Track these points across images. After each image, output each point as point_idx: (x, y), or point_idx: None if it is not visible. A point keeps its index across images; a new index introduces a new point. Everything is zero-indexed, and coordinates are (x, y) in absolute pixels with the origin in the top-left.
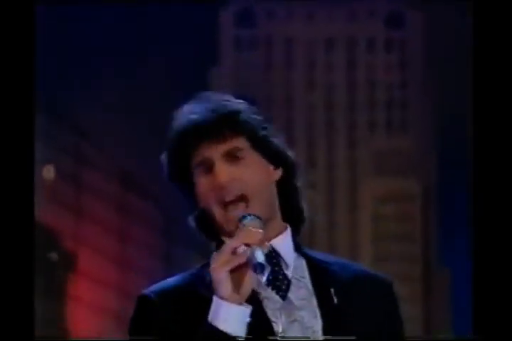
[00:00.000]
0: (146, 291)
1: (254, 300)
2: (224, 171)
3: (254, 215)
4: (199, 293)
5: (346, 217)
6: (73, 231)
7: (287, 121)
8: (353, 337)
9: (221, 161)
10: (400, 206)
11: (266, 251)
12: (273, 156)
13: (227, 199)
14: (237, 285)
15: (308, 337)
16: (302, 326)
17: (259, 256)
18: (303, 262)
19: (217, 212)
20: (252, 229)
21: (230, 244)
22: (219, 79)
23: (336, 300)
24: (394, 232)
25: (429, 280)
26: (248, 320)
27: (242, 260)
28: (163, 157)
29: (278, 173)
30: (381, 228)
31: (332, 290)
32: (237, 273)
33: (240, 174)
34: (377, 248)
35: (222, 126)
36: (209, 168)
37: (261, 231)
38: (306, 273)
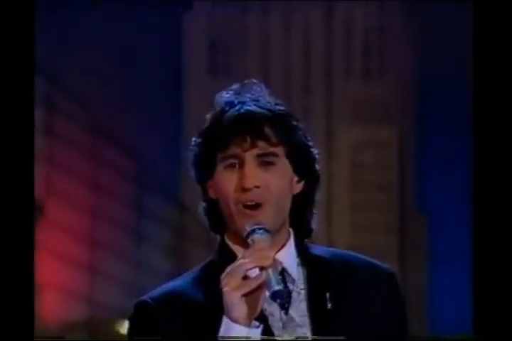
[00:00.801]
0: (144, 297)
1: (260, 316)
2: (253, 175)
3: (263, 229)
4: (198, 300)
5: (323, 165)
6: (44, 180)
7: (262, 66)
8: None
9: (253, 163)
10: (376, 154)
11: (280, 268)
12: (302, 168)
13: (248, 203)
14: (249, 309)
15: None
16: None
17: (276, 282)
18: (304, 270)
19: (234, 210)
20: (264, 252)
21: (241, 266)
22: (193, 24)
23: (329, 306)
24: (371, 181)
25: (406, 228)
26: (259, 339)
27: (255, 285)
28: (195, 139)
29: (300, 186)
30: (358, 176)
31: (327, 294)
32: (249, 296)
33: (267, 180)
34: (353, 197)
35: (265, 126)
36: (239, 165)
37: (273, 254)
38: (306, 283)
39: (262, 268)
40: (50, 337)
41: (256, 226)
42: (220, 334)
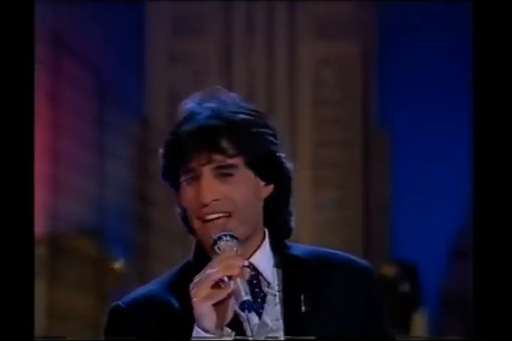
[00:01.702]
0: (118, 302)
1: (233, 323)
2: (209, 189)
3: (230, 235)
4: (172, 305)
5: (285, 82)
6: None
7: None
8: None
9: (209, 176)
10: (340, 69)
11: (248, 276)
12: (267, 174)
13: (208, 217)
14: (220, 318)
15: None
16: None
17: (244, 292)
18: (279, 272)
19: (196, 225)
20: (232, 260)
21: (209, 276)
22: None
23: (303, 309)
24: (333, 96)
25: (369, 143)
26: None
27: (225, 295)
28: (161, 149)
29: (268, 190)
30: (321, 93)
31: (302, 296)
32: (219, 305)
33: (226, 192)
34: (317, 112)
35: (222, 139)
36: (196, 179)
37: (241, 262)
38: (281, 285)
39: (230, 277)
40: (50, 337)
41: (222, 233)
42: None
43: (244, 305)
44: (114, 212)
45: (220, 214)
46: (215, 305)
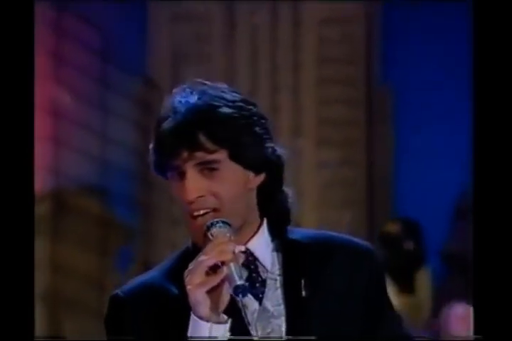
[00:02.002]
0: (117, 291)
1: (233, 308)
2: (194, 186)
3: (222, 221)
4: (171, 293)
5: (290, 39)
6: None
7: None
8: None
9: (193, 172)
10: (343, 29)
11: (242, 260)
12: (255, 165)
13: (195, 214)
14: (215, 305)
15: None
16: (280, 335)
17: (238, 277)
18: (279, 256)
19: (186, 219)
20: (224, 246)
21: (202, 263)
22: None
23: (304, 293)
24: (337, 55)
25: (372, 103)
26: (228, 334)
27: (218, 280)
28: (151, 144)
29: (259, 179)
30: (325, 50)
31: (302, 281)
32: (214, 292)
33: (211, 188)
34: (321, 70)
35: (200, 135)
36: (180, 176)
37: (233, 247)
38: (282, 269)
39: (223, 263)
40: (51, 337)
41: (215, 220)
42: (189, 331)
43: (237, 290)
44: (118, 171)
45: (207, 210)
46: (209, 291)
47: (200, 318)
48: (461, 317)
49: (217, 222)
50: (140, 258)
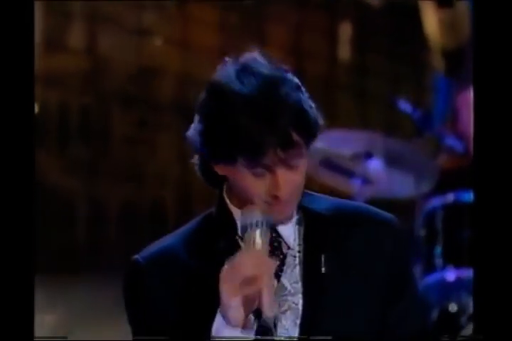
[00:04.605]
0: (136, 256)
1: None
2: (286, 183)
3: (267, 223)
4: (190, 261)
5: None
6: None
7: None
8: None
9: (283, 168)
10: None
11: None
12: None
13: (277, 206)
14: (245, 310)
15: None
16: (296, 314)
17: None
18: (301, 230)
19: (256, 202)
20: (263, 258)
21: (240, 272)
22: None
23: (324, 270)
24: None
25: None
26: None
27: (252, 291)
28: (202, 125)
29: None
30: None
31: (323, 257)
32: (246, 299)
33: (297, 183)
34: None
35: (292, 132)
36: (269, 173)
37: (271, 263)
38: (303, 244)
39: (259, 275)
40: (51, 337)
41: (260, 220)
42: (213, 329)
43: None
44: None
45: (284, 200)
46: (242, 299)
47: (228, 322)
48: (470, 103)
49: (262, 224)
50: None
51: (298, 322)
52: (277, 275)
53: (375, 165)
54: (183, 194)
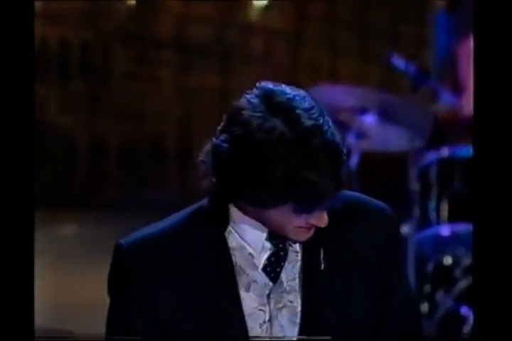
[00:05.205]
0: (121, 240)
1: (233, 284)
2: (324, 219)
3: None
4: (174, 250)
5: None
6: None
7: None
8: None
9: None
10: None
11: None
12: None
13: (309, 232)
14: None
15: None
16: (292, 312)
17: None
18: None
19: (288, 229)
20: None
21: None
22: None
23: (322, 266)
24: None
25: None
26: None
27: None
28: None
29: None
30: None
31: (322, 251)
32: None
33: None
34: None
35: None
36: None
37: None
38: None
39: None
40: (51, 337)
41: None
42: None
43: None
44: None
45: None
46: None
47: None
48: (470, 53)
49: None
50: None
51: (294, 320)
52: (278, 272)
53: (370, 120)
54: (183, 130)
